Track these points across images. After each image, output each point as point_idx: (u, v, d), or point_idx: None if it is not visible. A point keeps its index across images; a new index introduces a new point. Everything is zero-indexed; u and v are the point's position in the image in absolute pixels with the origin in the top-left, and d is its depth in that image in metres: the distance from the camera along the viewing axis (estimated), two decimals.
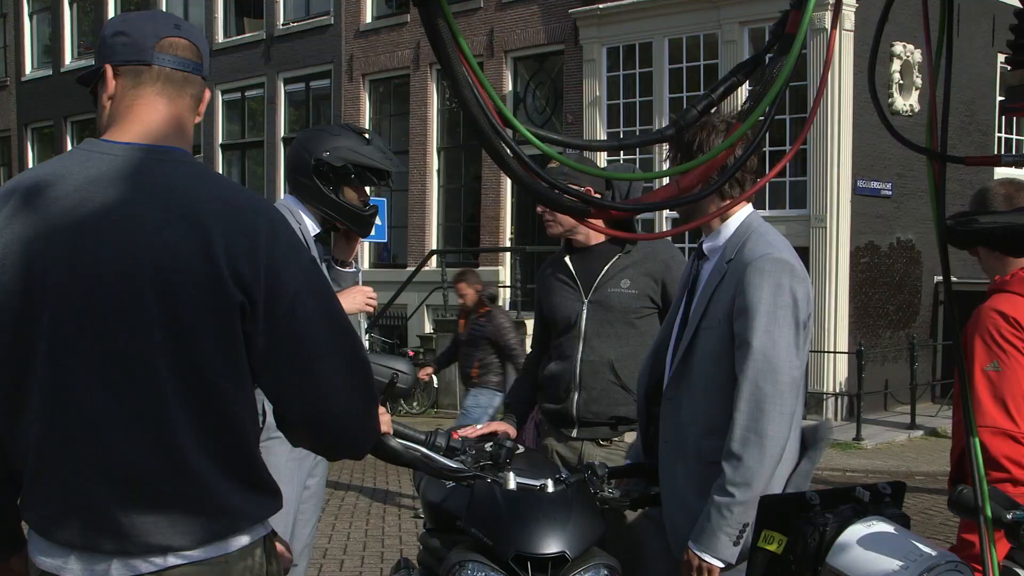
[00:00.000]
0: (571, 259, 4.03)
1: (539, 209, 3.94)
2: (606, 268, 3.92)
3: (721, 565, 2.79)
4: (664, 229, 13.19)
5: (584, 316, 3.91)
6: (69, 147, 25.17)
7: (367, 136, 3.98)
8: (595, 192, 3.78)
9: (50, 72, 26.01)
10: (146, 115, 2.05)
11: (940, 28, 1.26)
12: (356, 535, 7.89)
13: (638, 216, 4.38)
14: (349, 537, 7.82)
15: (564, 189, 1.25)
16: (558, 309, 4.00)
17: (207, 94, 2.17)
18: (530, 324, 14.07)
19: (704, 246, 3.07)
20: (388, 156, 4.01)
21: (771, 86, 1.18)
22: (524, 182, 1.20)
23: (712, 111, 1.36)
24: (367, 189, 4.00)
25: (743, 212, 3.01)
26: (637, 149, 14.89)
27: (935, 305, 15.33)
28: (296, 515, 3.82)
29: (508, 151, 1.17)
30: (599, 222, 1.35)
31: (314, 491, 3.99)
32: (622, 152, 15.18)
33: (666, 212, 14.39)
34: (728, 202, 2.92)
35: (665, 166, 3.57)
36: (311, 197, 3.90)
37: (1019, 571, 2.61)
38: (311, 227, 3.89)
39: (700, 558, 2.79)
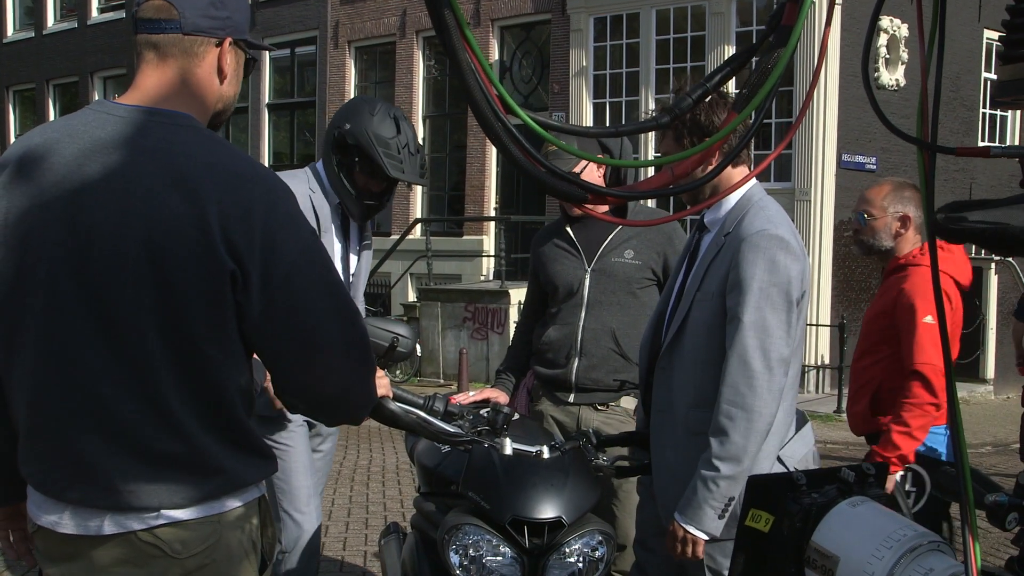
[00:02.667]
0: (572, 228, 4.05)
1: None
2: (610, 238, 3.96)
3: (705, 537, 2.81)
4: (651, 211, 13.22)
5: (587, 284, 3.95)
6: (51, 110, 24.99)
7: (400, 132, 3.83)
8: (597, 170, 3.83)
9: (32, 34, 25.77)
10: (145, 80, 2.06)
11: (933, 17, 1.27)
12: (340, 502, 7.93)
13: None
14: (334, 504, 7.86)
15: (564, 175, 1.27)
16: (559, 276, 4.03)
17: (220, 53, 2.10)
18: (513, 293, 14.12)
19: (705, 218, 3.07)
20: (402, 163, 3.82)
21: (767, 77, 1.20)
22: (524, 167, 1.22)
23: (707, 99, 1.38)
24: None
25: (745, 184, 2.98)
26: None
27: None
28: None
29: (509, 137, 1.19)
30: (598, 208, 1.38)
31: (324, 454, 4.05)
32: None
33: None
34: (735, 183, 2.92)
35: (652, 152, 3.60)
36: (326, 163, 3.87)
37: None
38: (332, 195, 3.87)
39: (685, 529, 2.81)
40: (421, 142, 3.94)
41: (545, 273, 4.08)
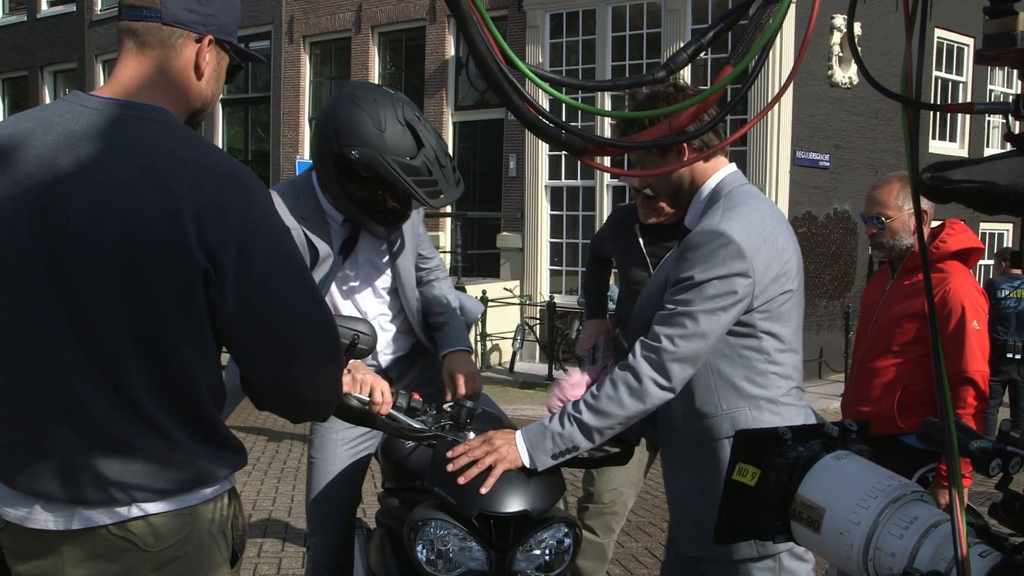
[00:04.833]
0: (641, 232, 4.43)
1: (637, 200, 4.34)
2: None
3: (526, 464, 2.75)
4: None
5: None
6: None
7: (422, 144, 3.10)
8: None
9: None
10: (123, 70, 2.03)
11: None
12: (300, 497, 7.88)
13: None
14: (293, 500, 7.82)
15: (564, 126, 1.29)
16: (625, 268, 4.53)
17: (199, 50, 2.05)
18: (471, 289, 14.14)
19: (685, 220, 2.97)
20: (438, 183, 3.11)
21: (762, 31, 1.23)
22: (527, 118, 1.25)
23: (701, 54, 1.41)
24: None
25: (719, 174, 2.89)
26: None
27: (870, 275, 15.66)
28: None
29: (511, 88, 1.21)
30: (602, 162, 1.40)
31: None
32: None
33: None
34: (685, 159, 2.82)
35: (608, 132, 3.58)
36: (323, 181, 3.25)
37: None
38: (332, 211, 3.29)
39: (518, 441, 2.76)
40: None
41: (619, 254, 4.61)
